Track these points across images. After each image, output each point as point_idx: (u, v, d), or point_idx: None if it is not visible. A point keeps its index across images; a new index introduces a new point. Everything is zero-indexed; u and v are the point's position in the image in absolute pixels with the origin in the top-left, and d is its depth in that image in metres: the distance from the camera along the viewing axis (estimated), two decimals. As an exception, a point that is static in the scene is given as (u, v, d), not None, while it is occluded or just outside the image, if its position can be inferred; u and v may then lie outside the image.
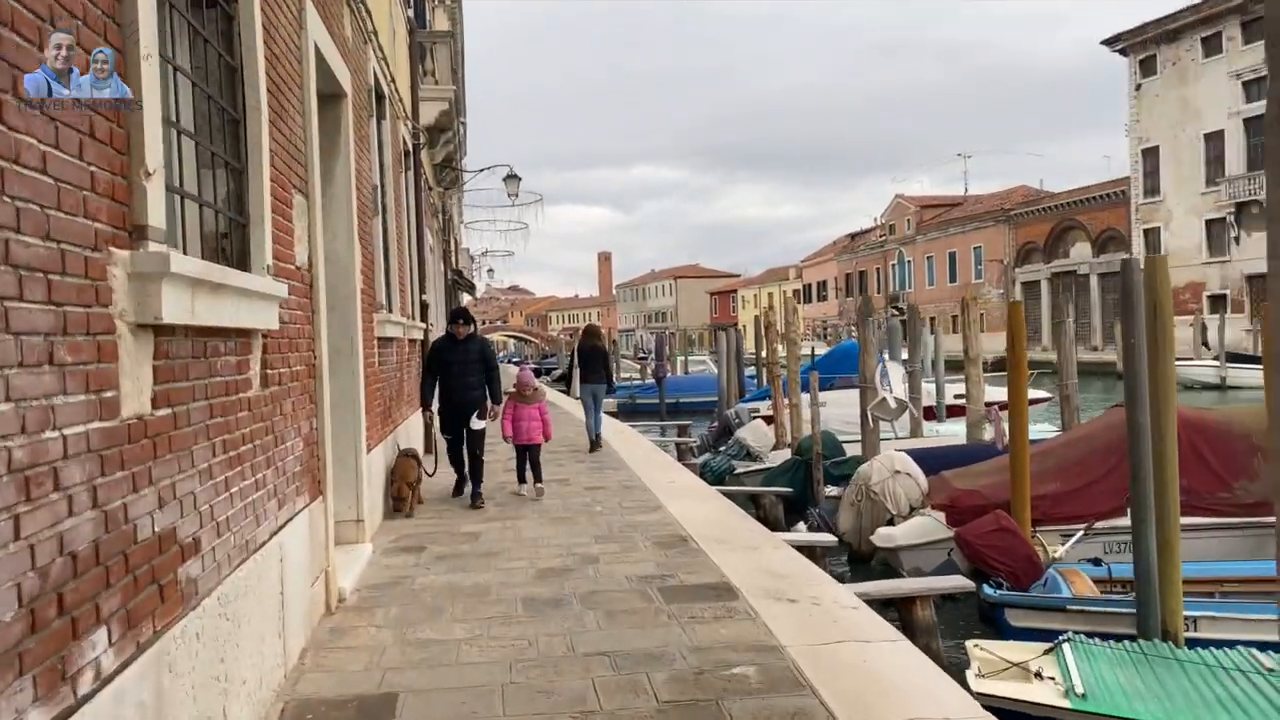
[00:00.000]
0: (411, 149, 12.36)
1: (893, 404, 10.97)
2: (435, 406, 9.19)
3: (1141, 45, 47.48)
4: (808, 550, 8.15)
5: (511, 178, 19.94)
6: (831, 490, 11.59)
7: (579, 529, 7.45)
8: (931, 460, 10.22)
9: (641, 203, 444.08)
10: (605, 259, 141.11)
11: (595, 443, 12.55)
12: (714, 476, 15.19)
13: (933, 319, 33.87)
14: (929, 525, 8.54)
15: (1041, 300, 54.15)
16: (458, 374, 8.78)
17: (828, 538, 8.53)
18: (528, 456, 9.12)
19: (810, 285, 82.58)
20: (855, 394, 16.70)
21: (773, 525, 11.17)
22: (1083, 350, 50.12)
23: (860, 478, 9.58)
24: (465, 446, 9.00)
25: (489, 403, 8.95)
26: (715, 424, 20.04)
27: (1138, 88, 48.09)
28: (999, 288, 58.18)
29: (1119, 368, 38.12)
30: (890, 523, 9.13)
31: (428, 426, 9.50)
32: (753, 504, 12.06)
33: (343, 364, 6.71)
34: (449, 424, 9.01)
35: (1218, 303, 42.18)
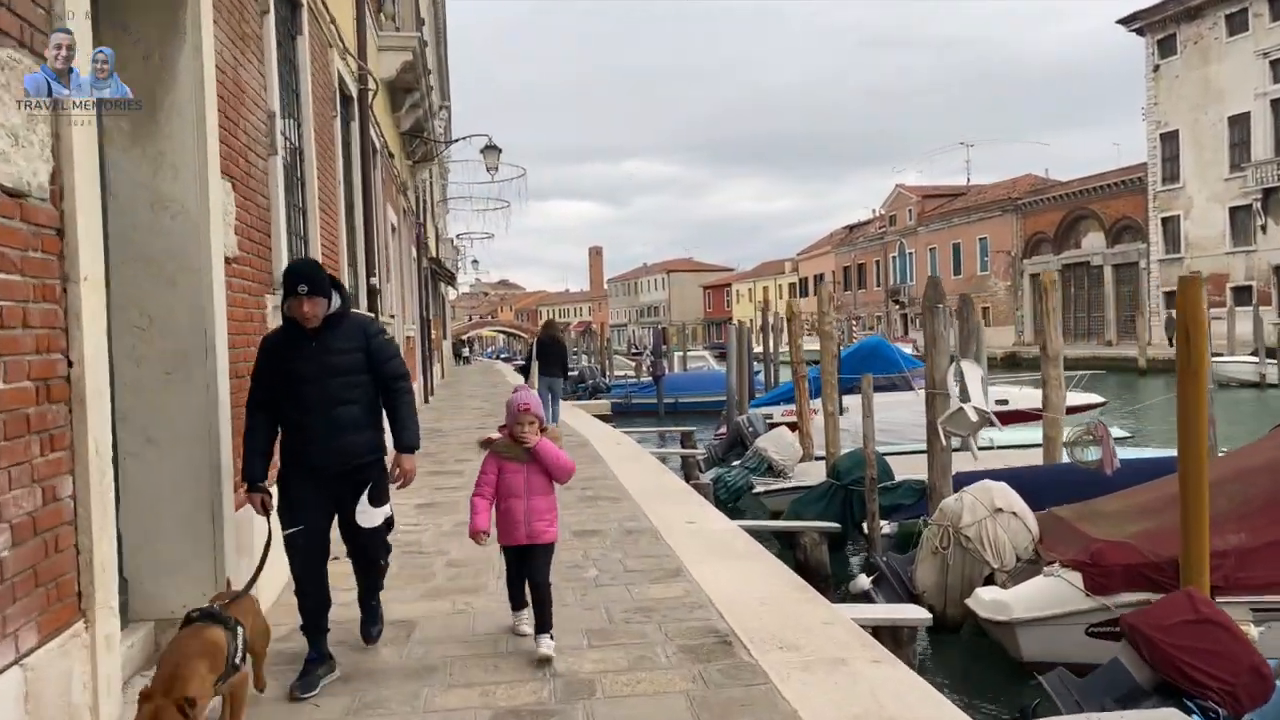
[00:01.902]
0: (356, 95, 9.89)
1: (972, 416, 8.53)
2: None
3: (1160, 24, 45.09)
4: (890, 631, 5.74)
5: (490, 149, 17.41)
6: (883, 527, 9.15)
7: (564, 615, 4.97)
8: (1021, 487, 7.77)
9: (634, 197, 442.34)
10: (596, 253, 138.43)
11: None
12: (729, 494, 12.89)
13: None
14: (1057, 590, 6.02)
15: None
16: (314, 400, 3.95)
17: (918, 614, 5.97)
18: (529, 568, 4.42)
19: (806, 279, 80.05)
20: (888, 399, 14.35)
21: (816, 572, 8.76)
22: (1096, 345, 47.92)
23: (946, 517, 7.04)
24: (353, 555, 4.27)
25: (393, 459, 4.17)
26: (723, 430, 17.62)
27: (1155, 69, 45.70)
28: (1006, 280, 55.97)
29: (1140, 363, 36.23)
30: (990, 579, 6.68)
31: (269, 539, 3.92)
32: (776, 540, 9.55)
33: (189, 372, 4.28)
34: (300, 507, 4.01)
35: (1243, 295, 39.77)
